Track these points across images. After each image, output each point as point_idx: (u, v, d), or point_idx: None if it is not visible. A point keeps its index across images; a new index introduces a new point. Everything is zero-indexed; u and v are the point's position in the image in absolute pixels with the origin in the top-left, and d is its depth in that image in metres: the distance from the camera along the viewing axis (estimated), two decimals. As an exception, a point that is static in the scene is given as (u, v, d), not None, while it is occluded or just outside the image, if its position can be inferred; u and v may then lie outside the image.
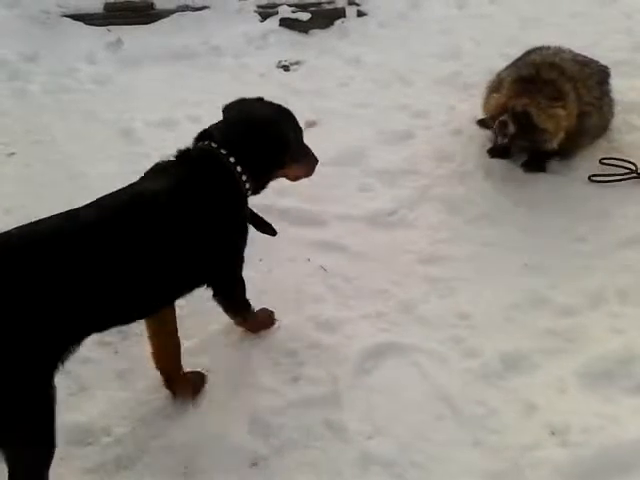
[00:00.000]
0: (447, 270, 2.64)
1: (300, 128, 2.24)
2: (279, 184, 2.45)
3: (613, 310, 2.39)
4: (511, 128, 2.82)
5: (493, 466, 1.92)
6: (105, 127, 3.62)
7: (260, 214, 2.27)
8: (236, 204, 2.05)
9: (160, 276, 1.88)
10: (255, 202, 2.98)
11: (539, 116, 2.79)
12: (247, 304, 2.29)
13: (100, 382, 2.25)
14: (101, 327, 1.89)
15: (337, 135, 3.44)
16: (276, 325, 2.41)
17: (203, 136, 2.06)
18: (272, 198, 3.00)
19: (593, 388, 2.11)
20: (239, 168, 2.01)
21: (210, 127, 2.08)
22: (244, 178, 2.03)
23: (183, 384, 2.17)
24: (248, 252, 2.62)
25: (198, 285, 2.07)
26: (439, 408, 2.09)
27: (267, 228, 2.30)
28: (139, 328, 2.40)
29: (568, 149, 3.03)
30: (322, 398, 2.14)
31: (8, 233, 1.71)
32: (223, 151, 2.00)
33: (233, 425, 2.07)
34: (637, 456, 1.90)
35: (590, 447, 1.93)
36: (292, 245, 2.79)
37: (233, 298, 2.23)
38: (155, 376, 2.20)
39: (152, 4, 4.65)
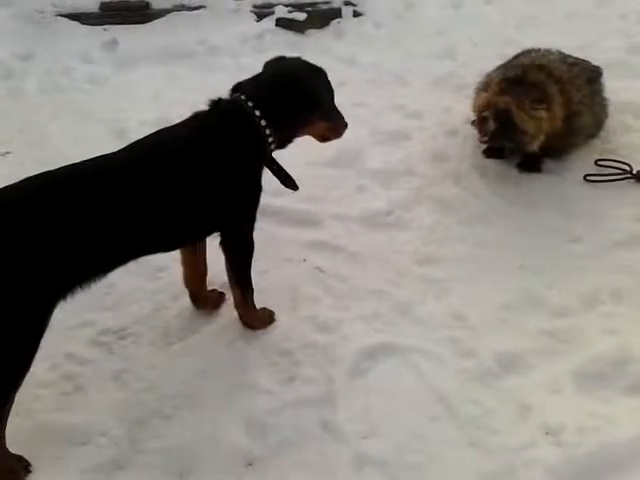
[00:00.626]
0: (442, 270, 2.64)
1: (332, 89, 2.33)
2: (273, 185, 2.46)
3: (607, 311, 2.40)
4: (491, 124, 2.83)
5: (488, 466, 1.92)
6: (100, 126, 3.61)
7: (285, 168, 2.34)
8: (254, 156, 2.17)
9: (179, 214, 2.05)
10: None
11: (520, 116, 2.81)
12: (249, 278, 2.32)
13: (95, 382, 2.24)
14: (124, 259, 2.02)
15: (333, 135, 3.44)
16: (273, 325, 2.40)
17: (236, 88, 2.20)
18: (268, 198, 2.99)
19: (587, 388, 2.11)
20: (264, 122, 2.12)
21: (245, 80, 2.22)
22: (268, 132, 2.14)
23: (205, 301, 2.45)
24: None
25: (213, 227, 2.20)
26: (435, 408, 2.10)
27: (290, 182, 2.36)
28: (134, 329, 2.42)
29: (561, 148, 3.04)
30: (318, 398, 2.14)
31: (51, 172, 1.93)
32: (250, 104, 2.12)
33: (228, 425, 2.06)
34: (631, 456, 1.91)
35: (584, 447, 1.94)
36: (288, 245, 2.79)
37: (240, 249, 2.27)
38: (151, 376, 2.20)
39: (148, 4, 4.64)
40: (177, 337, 2.37)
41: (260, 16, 4.62)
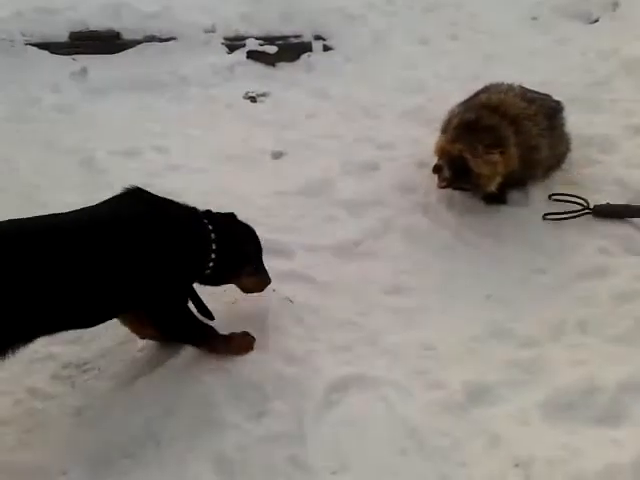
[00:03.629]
0: (411, 301, 2.65)
1: (260, 249, 2.51)
2: (243, 215, 2.45)
3: (573, 341, 2.43)
4: (446, 172, 2.91)
5: (458, 500, 1.91)
6: (68, 157, 3.57)
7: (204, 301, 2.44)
8: (194, 262, 2.28)
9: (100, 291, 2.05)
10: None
11: (474, 162, 2.87)
12: (201, 335, 2.34)
13: (57, 419, 2.19)
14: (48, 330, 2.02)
15: (303, 166, 3.47)
16: (242, 358, 2.37)
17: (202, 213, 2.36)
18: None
19: (556, 419, 2.12)
20: (214, 245, 2.27)
21: (209, 212, 2.36)
22: (213, 256, 2.28)
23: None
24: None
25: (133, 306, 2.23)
26: (404, 441, 2.08)
27: (207, 313, 2.44)
28: (98, 363, 2.36)
29: (520, 181, 3.11)
30: (287, 433, 2.10)
31: None
32: (211, 227, 2.29)
33: (196, 464, 2.02)
34: (600, 488, 1.91)
35: (554, 479, 1.93)
36: (257, 276, 2.77)
37: (173, 324, 2.31)
38: (114, 413, 2.14)
39: (118, 34, 4.64)
40: (142, 371, 2.32)
41: (231, 48, 4.66)
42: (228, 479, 1.98)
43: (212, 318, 2.43)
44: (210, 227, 2.28)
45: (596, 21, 4.93)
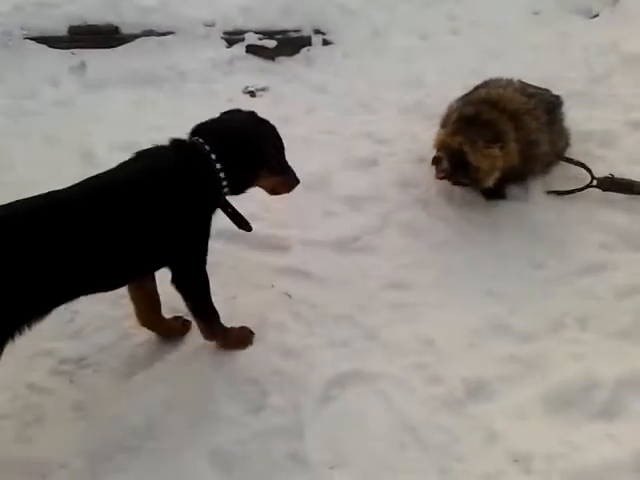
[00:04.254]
0: (410, 296, 2.65)
1: (281, 145, 2.40)
2: (242, 210, 2.44)
3: (573, 336, 2.42)
4: (444, 164, 2.90)
5: (457, 495, 1.91)
6: (67, 150, 3.56)
7: (240, 212, 2.37)
8: (207, 197, 2.21)
9: (128, 249, 2.05)
10: (219, 227, 2.98)
11: (473, 155, 2.86)
12: (212, 308, 2.30)
13: (56, 413, 2.19)
14: (71, 295, 2.00)
15: (302, 161, 3.41)
16: (241, 352, 2.36)
17: (195, 131, 2.26)
18: (236, 224, 3.00)
19: (555, 414, 2.12)
20: (219, 165, 2.18)
21: (203, 125, 2.28)
22: (222, 176, 2.19)
23: (168, 331, 2.43)
24: (212, 279, 2.62)
25: (160, 264, 2.21)
26: (403, 436, 2.08)
27: (244, 225, 2.39)
28: (95, 357, 2.36)
29: (519, 175, 3.10)
30: (285, 428, 2.11)
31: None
32: (207, 147, 2.18)
33: (194, 458, 2.02)
34: (599, 482, 1.91)
35: (553, 474, 1.94)
36: (257, 271, 2.77)
37: (193, 284, 2.26)
38: (113, 407, 2.14)
39: (117, 28, 4.62)
40: (141, 366, 2.32)
41: (230, 42, 4.64)
42: (226, 473, 1.98)
43: (250, 228, 2.41)
44: (207, 148, 2.18)
45: (596, 16, 4.91)
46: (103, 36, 4.57)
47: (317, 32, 4.73)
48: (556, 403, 2.15)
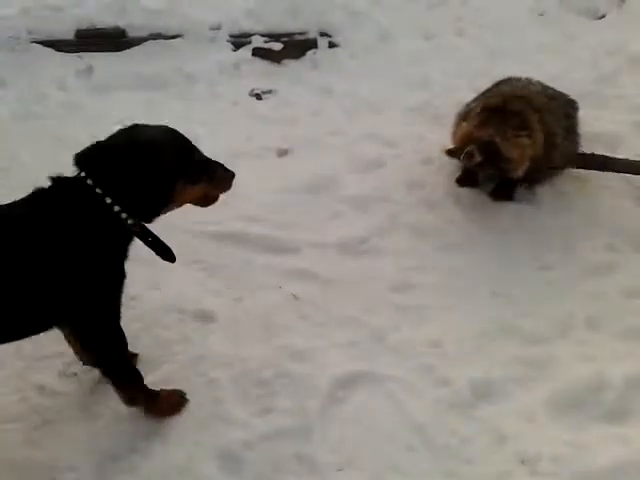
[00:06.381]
0: (417, 298, 2.65)
1: (191, 147, 2.02)
2: (248, 212, 2.44)
3: (581, 338, 2.42)
4: (477, 158, 2.87)
5: (465, 497, 1.91)
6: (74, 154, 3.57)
7: (162, 239, 2.04)
8: (95, 237, 1.88)
9: (12, 303, 1.79)
10: (226, 229, 2.99)
11: (505, 146, 2.84)
12: (129, 372, 2.07)
13: (65, 415, 2.19)
14: None
15: (309, 163, 3.46)
16: (248, 354, 2.36)
17: (79, 161, 1.92)
18: (243, 225, 3.01)
19: (563, 416, 2.12)
20: (109, 199, 1.86)
21: (89, 150, 1.95)
22: (117, 209, 1.87)
23: None
24: (218, 281, 2.63)
25: (56, 321, 1.96)
26: (411, 438, 2.08)
27: (166, 254, 2.05)
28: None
29: (540, 176, 3.09)
30: (293, 430, 2.11)
31: None
32: (90, 181, 1.86)
33: (202, 460, 2.02)
34: (607, 484, 1.91)
35: (560, 476, 1.94)
36: (263, 272, 2.78)
37: (101, 349, 2.02)
38: (121, 409, 2.14)
39: (124, 31, 4.64)
40: (149, 367, 2.32)
41: (237, 45, 4.65)
42: (234, 475, 1.98)
43: (173, 259, 2.05)
44: (90, 182, 1.85)
45: (603, 16, 4.89)
46: (110, 39, 4.59)
47: (323, 34, 4.73)
48: (564, 404, 2.15)
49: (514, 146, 2.85)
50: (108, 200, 1.86)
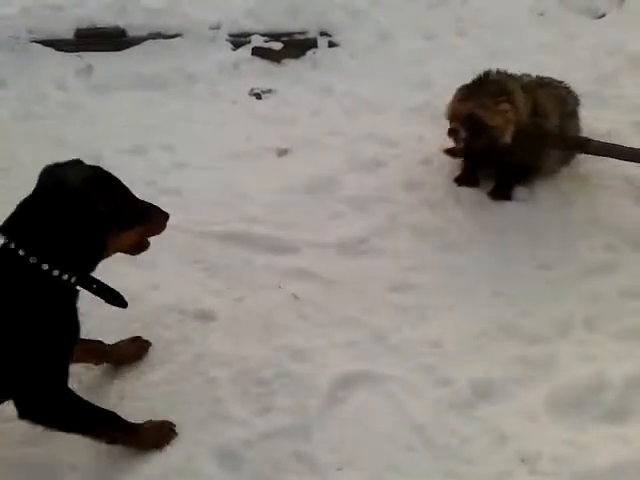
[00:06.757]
0: (417, 298, 2.65)
1: (122, 189, 1.94)
2: (248, 212, 2.45)
3: (581, 337, 2.42)
4: (462, 134, 2.91)
5: (465, 496, 1.91)
6: (74, 153, 3.46)
7: (109, 285, 1.98)
8: (37, 300, 1.80)
9: None
10: (226, 229, 2.99)
11: (486, 114, 2.89)
12: (95, 422, 1.96)
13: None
14: None
15: (308, 163, 3.46)
16: (248, 353, 2.36)
17: (5, 230, 1.82)
18: (243, 225, 3.01)
19: (563, 416, 2.12)
20: (33, 259, 1.76)
21: (12, 221, 1.84)
22: (46, 267, 1.78)
23: (120, 358, 2.31)
24: (219, 281, 2.62)
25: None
26: (411, 438, 2.08)
27: (116, 300, 2.01)
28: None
29: (531, 160, 3.10)
30: (293, 429, 2.11)
31: None
32: (12, 245, 1.77)
33: (202, 458, 2.02)
34: (607, 484, 1.91)
35: (560, 476, 1.93)
36: (263, 272, 2.78)
37: (51, 415, 1.90)
38: (121, 407, 2.14)
39: (124, 31, 4.65)
40: (149, 366, 2.33)
41: (236, 45, 4.66)
42: (233, 474, 1.98)
43: (124, 304, 2.01)
44: (12, 246, 1.76)
45: (603, 16, 4.90)
46: (110, 39, 4.60)
47: (323, 34, 4.74)
48: (564, 404, 2.14)
49: (495, 113, 2.90)
50: (33, 260, 1.76)
